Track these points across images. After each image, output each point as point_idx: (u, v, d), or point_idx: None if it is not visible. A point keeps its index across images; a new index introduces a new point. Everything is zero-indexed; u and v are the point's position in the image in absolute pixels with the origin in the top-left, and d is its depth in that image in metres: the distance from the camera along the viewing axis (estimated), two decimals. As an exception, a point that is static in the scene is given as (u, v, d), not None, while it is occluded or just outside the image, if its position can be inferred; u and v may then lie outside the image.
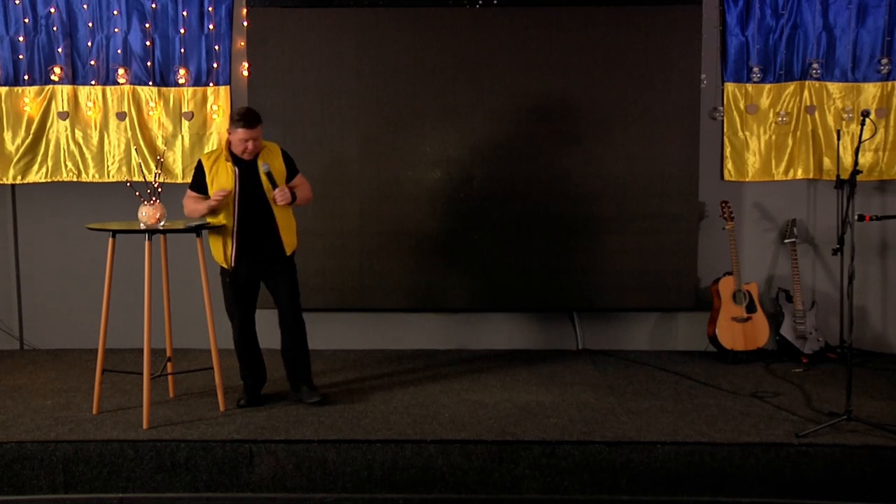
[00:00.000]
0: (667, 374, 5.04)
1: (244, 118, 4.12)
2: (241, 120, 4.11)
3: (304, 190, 4.39)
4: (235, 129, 4.13)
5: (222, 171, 4.19)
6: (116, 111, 5.51)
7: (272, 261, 4.30)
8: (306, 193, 4.41)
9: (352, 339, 5.62)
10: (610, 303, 5.48)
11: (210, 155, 4.28)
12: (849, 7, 5.37)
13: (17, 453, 3.73)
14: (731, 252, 5.28)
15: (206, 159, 4.25)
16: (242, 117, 4.12)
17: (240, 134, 4.12)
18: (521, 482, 3.75)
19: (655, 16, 5.28)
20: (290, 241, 4.33)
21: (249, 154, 4.18)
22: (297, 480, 3.75)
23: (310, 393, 4.37)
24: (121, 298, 5.10)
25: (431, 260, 5.44)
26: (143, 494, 3.73)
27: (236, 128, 4.12)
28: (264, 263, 4.30)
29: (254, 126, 4.12)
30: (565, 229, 5.39)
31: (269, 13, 5.33)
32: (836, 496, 3.68)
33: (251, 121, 4.12)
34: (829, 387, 4.68)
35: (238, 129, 4.12)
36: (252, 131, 4.12)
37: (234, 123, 4.13)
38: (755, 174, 5.53)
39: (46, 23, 5.45)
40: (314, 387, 4.44)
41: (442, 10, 5.31)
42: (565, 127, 5.34)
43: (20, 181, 5.56)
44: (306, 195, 4.41)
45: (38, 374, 5.03)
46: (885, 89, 5.40)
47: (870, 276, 5.59)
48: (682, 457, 3.73)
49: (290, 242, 4.34)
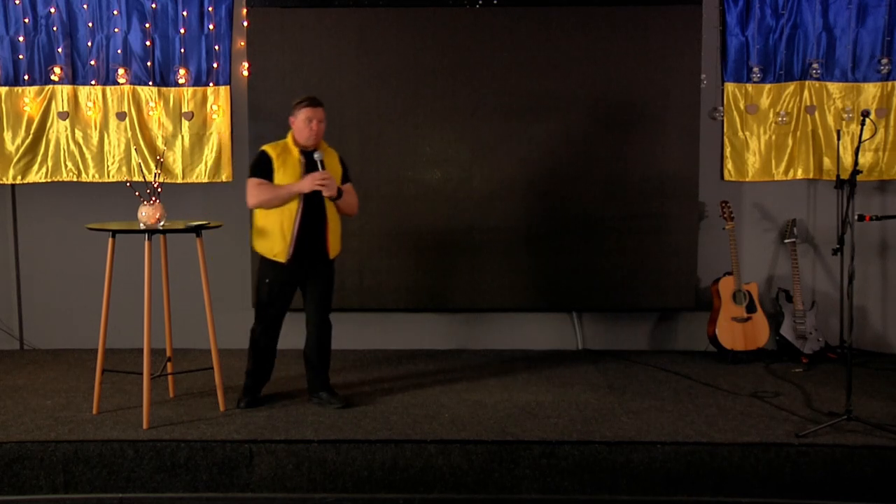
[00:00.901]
0: (667, 374, 5.04)
1: (308, 98, 4.10)
2: (304, 100, 4.09)
3: (352, 196, 4.30)
4: (299, 110, 4.09)
5: (290, 161, 4.12)
6: (116, 111, 5.51)
7: (316, 261, 4.23)
8: (353, 201, 4.32)
9: (352, 338, 5.62)
10: (610, 303, 5.49)
11: (276, 146, 4.18)
12: (849, 7, 5.37)
13: (17, 453, 3.73)
14: (731, 252, 5.28)
15: (272, 149, 4.16)
16: (306, 97, 4.11)
17: (304, 113, 4.07)
18: (520, 482, 3.75)
19: (655, 16, 5.28)
20: (335, 244, 4.27)
21: (315, 137, 4.11)
22: (297, 480, 3.74)
23: (331, 398, 4.31)
24: (121, 298, 5.10)
25: (431, 260, 5.45)
26: (143, 494, 3.73)
27: (300, 108, 4.08)
28: (310, 263, 4.22)
29: (319, 105, 4.10)
30: (565, 229, 5.39)
31: (269, 13, 5.33)
32: (836, 496, 3.68)
33: (315, 100, 4.10)
34: (829, 387, 4.68)
35: (302, 110, 4.08)
36: (316, 110, 4.09)
37: (297, 106, 4.10)
38: (755, 174, 5.53)
39: (46, 23, 5.45)
40: (334, 392, 4.38)
41: (442, 10, 5.32)
42: (565, 127, 5.34)
43: (20, 181, 5.56)
44: (353, 203, 4.31)
45: (38, 374, 5.03)
46: (885, 89, 5.40)
47: (870, 276, 5.59)
48: (682, 457, 3.73)
49: (335, 246, 4.28)
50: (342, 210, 4.27)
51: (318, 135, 4.14)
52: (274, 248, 4.16)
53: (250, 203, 4.16)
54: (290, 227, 4.11)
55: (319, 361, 4.37)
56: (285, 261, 4.15)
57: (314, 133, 4.11)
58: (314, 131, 4.10)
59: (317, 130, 4.11)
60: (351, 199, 4.29)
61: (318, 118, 4.10)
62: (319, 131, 4.13)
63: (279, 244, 4.14)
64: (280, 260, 4.16)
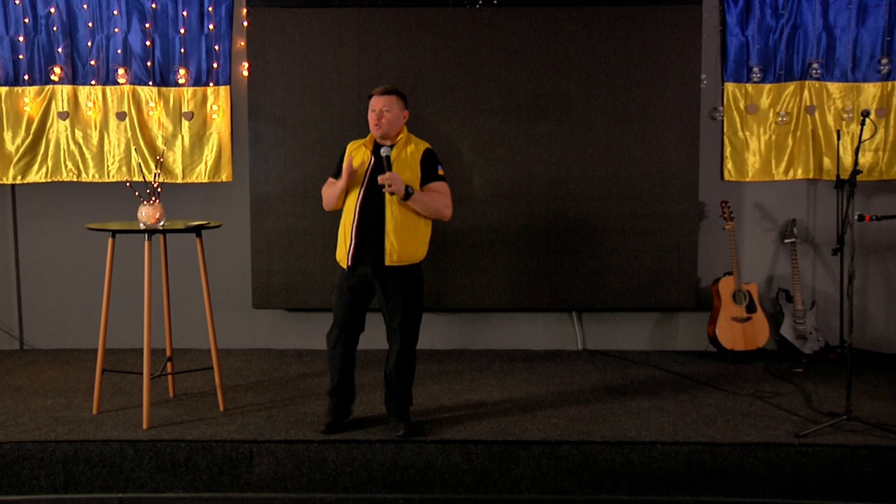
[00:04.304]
0: (667, 374, 5.04)
1: (378, 88, 3.87)
2: (375, 90, 3.87)
3: (435, 198, 3.82)
4: (370, 102, 3.87)
5: (358, 155, 3.87)
6: (116, 111, 5.51)
7: (376, 268, 3.81)
8: (436, 203, 3.82)
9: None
10: (610, 303, 5.48)
11: (357, 142, 3.96)
12: (849, 7, 5.37)
13: (17, 453, 3.73)
14: (731, 252, 5.29)
15: (352, 145, 3.95)
16: (377, 88, 3.88)
17: (371, 103, 3.85)
18: (520, 482, 3.75)
19: (655, 16, 5.28)
20: (396, 249, 3.77)
21: (380, 126, 3.82)
22: (297, 480, 3.74)
23: (396, 425, 3.90)
24: (121, 298, 5.11)
25: (431, 260, 5.41)
26: (143, 494, 3.73)
27: (371, 100, 3.87)
28: (374, 270, 3.82)
29: (385, 94, 3.83)
30: (565, 229, 5.39)
31: (269, 13, 5.33)
32: (836, 496, 3.68)
33: (383, 89, 3.85)
34: (829, 387, 4.68)
35: (371, 100, 3.86)
36: (381, 98, 3.81)
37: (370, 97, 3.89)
38: (755, 174, 5.53)
39: (46, 23, 5.45)
40: (402, 418, 3.94)
41: (442, 10, 5.31)
42: (565, 127, 5.34)
43: (20, 181, 5.57)
44: (435, 204, 3.82)
45: (38, 374, 5.03)
46: (885, 89, 5.40)
47: (870, 276, 5.59)
48: (682, 457, 3.73)
49: (398, 250, 3.77)
50: (425, 214, 3.83)
51: (385, 126, 3.82)
52: (339, 252, 3.91)
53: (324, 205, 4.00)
54: (350, 228, 3.82)
55: (389, 383, 3.99)
56: (346, 266, 3.85)
57: (380, 125, 3.82)
58: (378, 123, 3.82)
59: (383, 122, 3.81)
60: (433, 199, 3.82)
61: (383, 108, 3.80)
62: (388, 123, 3.82)
63: (342, 248, 3.87)
64: (343, 265, 3.88)
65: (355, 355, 4.03)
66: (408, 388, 4.00)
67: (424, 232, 3.90)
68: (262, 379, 4.90)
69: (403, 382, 3.97)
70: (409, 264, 3.84)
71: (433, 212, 3.84)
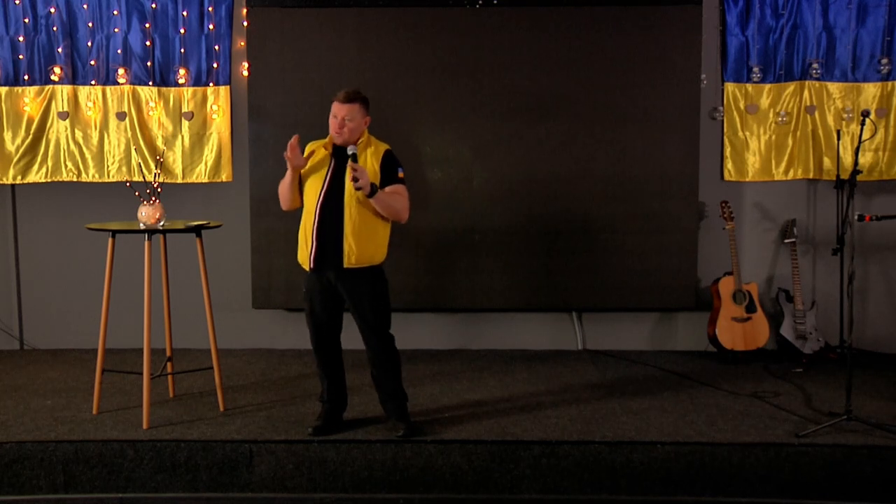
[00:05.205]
0: (667, 374, 5.04)
1: (340, 93, 3.78)
2: (337, 95, 3.79)
3: (395, 198, 3.80)
4: (332, 106, 3.80)
5: (318, 154, 3.86)
6: (116, 111, 5.51)
7: (337, 271, 3.80)
8: (397, 204, 3.81)
9: (351, 339, 5.59)
10: (610, 303, 5.48)
11: (317, 142, 3.91)
12: (849, 7, 5.37)
13: (17, 453, 3.73)
14: (731, 252, 5.28)
15: (311, 145, 3.91)
16: (340, 92, 3.79)
17: (333, 109, 3.78)
18: (520, 482, 3.75)
19: (655, 16, 5.28)
20: (354, 251, 3.76)
21: (340, 135, 3.76)
22: (297, 480, 3.75)
23: (396, 425, 3.91)
24: (121, 298, 5.10)
25: (431, 260, 5.44)
26: (143, 494, 3.73)
27: (333, 104, 3.79)
28: (335, 272, 3.81)
29: (346, 101, 3.74)
30: (565, 229, 5.39)
31: (269, 13, 5.33)
32: (836, 496, 3.68)
33: (345, 95, 3.76)
34: (829, 387, 4.68)
35: (333, 105, 3.79)
36: (344, 107, 3.74)
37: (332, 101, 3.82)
38: (755, 174, 5.53)
39: (46, 23, 5.45)
40: (401, 417, 3.95)
41: (442, 10, 5.31)
42: (565, 127, 5.34)
43: (20, 181, 5.56)
44: (396, 206, 3.80)
45: (38, 374, 5.03)
46: (885, 89, 5.40)
47: (870, 276, 5.59)
48: (682, 457, 3.73)
49: (356, 252, 3.76)
50: (386, 213, 3.81)
51: (346, 135, 3.77)
52: (301, 254, 3.90)
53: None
54: (311, 230, 3.81)
55: (377, 384, 4.04)
56: (308, 269, 3.86)
57: (339, 132, 3.78)
58: (338, 130, 3.78)
59: (342, 129, 3.77)
60: (394, 200, 3.80)
61: (344, 115, 3.75)
62: (349, 131, 3.76)
63: (304, 250, 3.86)
64: (305, 268, 3.89)
65: (342, 357, 4.08)
66: (397, 384, 4.01)
67: (383, 234, 3.89)
68: (262, 379, 4.91)
69: (390, 379, 4.00)
70: (370, 266, 3.84)
71: (393, 212, 3.83)
